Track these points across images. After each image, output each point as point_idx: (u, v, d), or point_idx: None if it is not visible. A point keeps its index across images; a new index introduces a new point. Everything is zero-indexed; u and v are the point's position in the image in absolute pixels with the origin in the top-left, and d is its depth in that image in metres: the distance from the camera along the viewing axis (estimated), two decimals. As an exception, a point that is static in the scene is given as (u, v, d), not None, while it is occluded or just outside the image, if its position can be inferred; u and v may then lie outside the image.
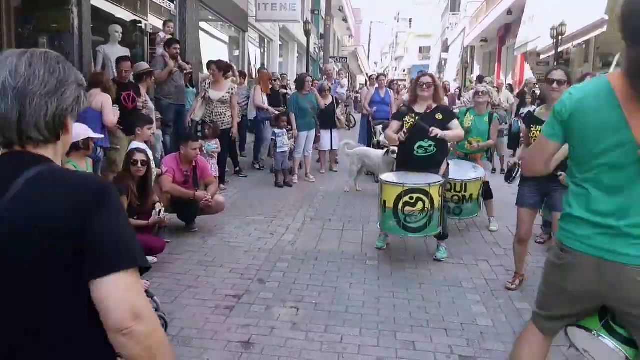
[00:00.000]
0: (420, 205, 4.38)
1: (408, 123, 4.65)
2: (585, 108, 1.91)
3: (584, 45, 14.94)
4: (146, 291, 3.20)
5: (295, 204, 6.89)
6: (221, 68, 7.33)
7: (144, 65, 6.72)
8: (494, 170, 9.98)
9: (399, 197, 4.41)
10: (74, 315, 1.12)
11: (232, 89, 7.36)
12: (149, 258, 4.43)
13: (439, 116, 4.64)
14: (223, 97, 7.17)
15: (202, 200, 5.27)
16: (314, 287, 4.14)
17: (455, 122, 4.72)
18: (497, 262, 4.79)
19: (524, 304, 3.88)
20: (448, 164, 4.92)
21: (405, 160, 4.83)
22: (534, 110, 4.08)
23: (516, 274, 4.23)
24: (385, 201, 4.54)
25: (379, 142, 8.83)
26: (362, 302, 3.88)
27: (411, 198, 4.38)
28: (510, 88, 13.66)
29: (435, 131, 4.45)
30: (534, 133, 3.95)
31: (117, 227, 1.12)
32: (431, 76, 4.91)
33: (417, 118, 4.62)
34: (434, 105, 4.68)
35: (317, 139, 8.87)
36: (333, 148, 9.30)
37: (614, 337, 2.01)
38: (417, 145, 4.61)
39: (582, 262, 1.95)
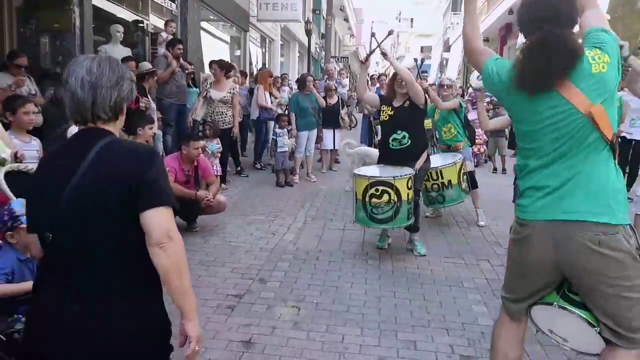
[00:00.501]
0: (385, 197, 4.52)
1: (384, 115, 4.86)
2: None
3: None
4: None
5: (296, 203, 6.89)
6: (223, 67, 7.34)
7: (146, 66, 6.73)
8: (495, 170, 10.00)
9: (366, 189, 4.57)
10: (136, 241, 1.60)
11: (233, 89, 7.35)
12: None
13: (406, 104, 4.77)
14: (224, 97, 7.18)
15: (204, 200, 5.28)
16: (315, 286, 4.15)
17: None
18: (498, 262, 4.79)
19: (525, 304, 3.88)
20: (428, 157, 4.96)
21: (383, 153, 5.00)
22: None
23: None
24: (356, 193, 4.72)
25: (379, 141, 8.82)
26: (363, 301, 3.88)
27: (377, 190, 4.54)
28: None
29: (385, 51, 4.78)
30: None
31: (161, 179, 1.65)
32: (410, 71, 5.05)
33: (392, 112, 4.78)
34: (406, 99, 4.79)
35: (319, 139, 8.86)
36: (335, 148, 9.32)
37: (574, 305, 2.07)
38: (391, 138, 4.78)
39: (539, 231, 2.04)
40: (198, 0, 9.87)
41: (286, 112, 8.93)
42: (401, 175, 4.55)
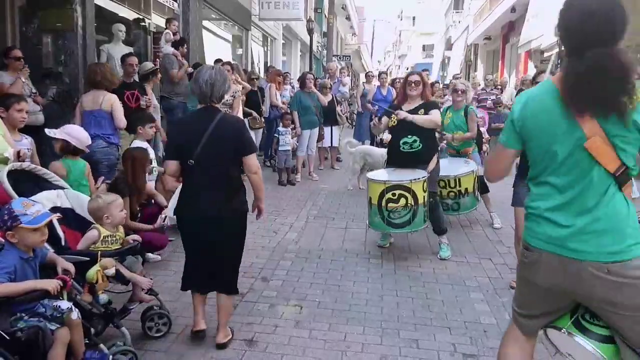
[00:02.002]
0: (402, 201, 4.48)
1: (393, 121, 4.77)
2: (534, 112, 1.97)
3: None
4: (150, 289, 3.21)
5: (298, 202, 6.89)
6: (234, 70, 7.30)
7: (148, 65, 6.72)
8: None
9: (382, 194, 4.51)
10: (236, 168, 3.09)
11: (235, 92, 7.15)
12: (152, 255, 4.45)
13: (421, 112, 4.71)
14: (226, 100, 7.03)
15: None
16: (318, 285, 4.15)
17: (433, 111, 4.74)
18: (501, 261, 4.79)
19: (528, 302, 3.87)
20: (438, 161, 4.93)
21: (393, 157, 4.94)
22: None
23: None
24: (370, 198, 4.66)
25: (382, 140, 8.82)
26: (365, 300, 3.88)
27: (393, 194, 4.48)
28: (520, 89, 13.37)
29: (401, 114, 4.61)
30: None
31: (249, 138, 3.16)
32: (419, 74, 4.99)
33: (397, 115, 4.72)
34: (419, 103, 4.75)
35: (320, 137, 8.86)
36: (333, 145, 9.32)
37: (588, 335, 2.00)
38: (402, 141, 4.71)
39: (547, 259, 1.98)
40: (200, -1, 9.87)
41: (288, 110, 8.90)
42: (418, 178, 4.49)
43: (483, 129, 9.32)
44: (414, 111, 4.71)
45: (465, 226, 5.91)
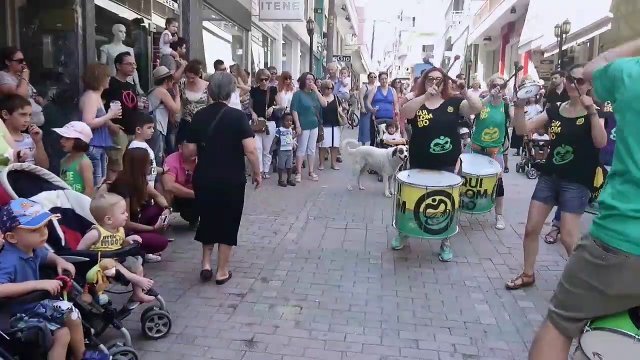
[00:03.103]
0: (442, 207, 4.37)
1: (422, 121, 4.64)
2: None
3: (588, 44, 14.89)
4: (150, 290, 3.21)
5: (298, 202, 6.89)
6: (195, 70, 7.01)
7: (164, 70, 6.74)
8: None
9: (421, 199, 4.36)
10: (239, 148, 4.01)
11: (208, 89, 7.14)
12: (152, 256, 4.45)
13: (450, 109, 4.67)
14: (201, 97, 6.94)
15: None
16: (318, 285, 4.15)
17: (465, 100, 4.63)
18: (501, 261, 4.79)
19: (528, 303, 3.87)
20: (461, 161, 4.91)
21: (421, 158, 4.80)
22: (560, 105, 4.06)
23: (523, 274, 4.20)
24: (404, 202, 4.49)
25: (382, 140, 8.82)
26: (365, 300, 3.88)
27: (434, 200, 4.35)
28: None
29: (468, 92, 4.65)
30: (553, 129, 3.94)
31: (247, 125, 4.22)
32: (440, 71, 4.89)
33: (430, 115, 4.61)
34: (442, 101, 4.69)
35: (320, 138, 8.86)
36: (334, 145, 9.31)
37: None
38: (433, 143, 4.61)
39: (633, 263, 1.86)
40: (200, -1, 9.88)
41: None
42: (457, 184, 4.45)
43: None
44: (440, 109, 4.63)
45: (465, 227, 5.90)
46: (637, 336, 1.92)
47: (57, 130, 4.15)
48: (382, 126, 9.20)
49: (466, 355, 3.14)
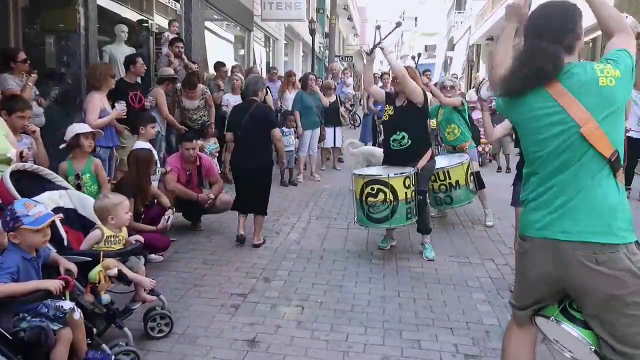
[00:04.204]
0: (381, 196, 4.51)
1: (385, 115, 4.90)
2: (516, 101, 2.10)
3: (590, 44, 14.86)
4: (152, 290, 3.21)
5: (300, 202, 6.90)
6: (192, 85, 6.89)
7: (169, 71, 6.77)
8: (499, 169, 9.97)
9: (362, 188, 4.58)
10: (267, 136, 5.02)
11: (204, 93, 7.10)
12: (154, 256, 4.45)
13: (406, 104, 4.75)
14: (198, 105, 7.00)
15: (205, 203, 5.27)
16: (320, 285, 4.15)
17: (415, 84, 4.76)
18: (503, 261, 4.78)
19: (530, 303, 3.87)
20: (433, 159, 4.94)
21: (385, 154, 5.03)
22: None
23: None
24: (354, 192, 4.75)
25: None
26: (367, 300, 3.88)
27: (372, 189, 4.54)
28: None
29: (382, 45, 4.79)
30: None
31: (274, 117, 5.55)
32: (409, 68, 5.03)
33: (392, 111, 4.79)
34: (407, 100, 4.75)
35: (321, 138, 8.86)
36: (336, 145, 9.31)
37: (574, 322, 2.07)
38: (391, 139, 4.77)
39: (537, 246, 2.08)
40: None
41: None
42: (396, 174, 4.52)
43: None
44: (401, 106, 4.75)
45: (467, 227, 5.90)
46: (552, 317, 2.12)
47: (77, 131, 4.13)
48: (384, 126, 9.19)
49: (468, 356, 3.14)
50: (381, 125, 9.31)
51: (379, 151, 7.80)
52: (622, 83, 1.95)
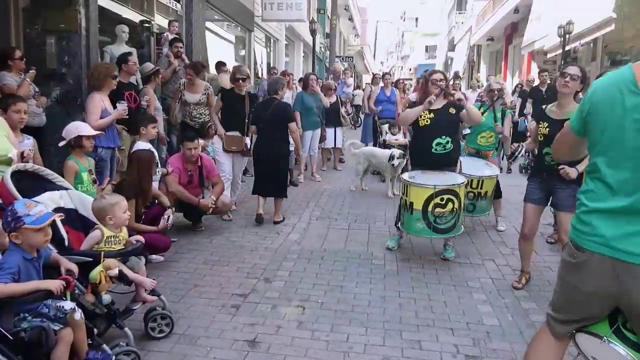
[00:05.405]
0: (450, 206, 4.40)
1: (424, 120, 4.67)
2: (598, 101, 1.92)
3: (591, 44, 14.85)
4: (152, 290, 3.21)
5: (301, 203, 6.90)
6: (198, 71, 6.82)
7: (149, 66, 6.73)
8: (500, 170, 9.96)
9: (430, 199, 4.39)
10: (285, 129, 5.81)
11: (207, 89, 6.93)
12: (155, 257, 4.45)
13: (452, 110, 4.69)
14: (200, 99, 6.84)
15: (207, 209, 5.28)
16: (320, 286, 4.15)
17: (464, 111, 4.67)
18: (504, 262, 4.78)
19: (531, 304, 3.87)
20: (461, 163, 4.92)
21: (422, 157, 4.81)
22: (546, 107, 4.06)
23: (522, 272, 4.23)
24: (412, 203, 4.50)
25: (384, 141, 8.82)
26: (368, 301, 3.88)
27: (442, 199, 4.38)
28: (522, 89, 12.93)
29: (458, 94, 4.81)
30: (541, 130, 3.93)
31: (291, 112, 6.20)
32: (442, 73, 4.95)
33: (432, 115, 4.64)
34: (444, 102, 4.71)
35: (322, 138, 8.87)
36: (337, 146, 9.32)
37: (625, 343, 1.95)
38: (435, 142, 4.63)
39: (597, 260, 1.90)
40: (203, 0, 9.89)
41: None
42: (462, 183, 4.47)
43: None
44: (442, 110, 4.66)
45: (467, 227, 5.89)
46: (605, 337, 1.97)
47: (80, 133, 4.13)
48: (385, 127, 9.20)
49: (469, 357, 3.14)
50: (382, 126, 9.35)
51: (380, 152, 7.82)
52: None
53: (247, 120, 6.00)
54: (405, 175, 4.76)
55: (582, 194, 2.01)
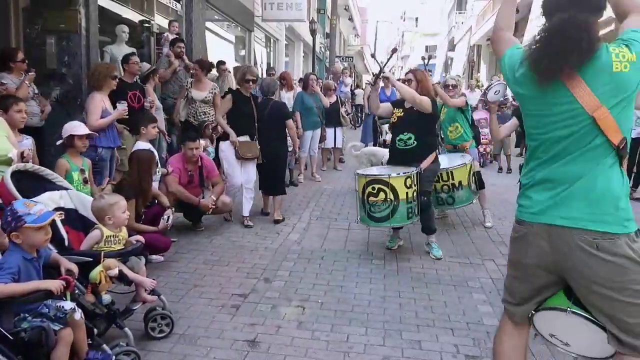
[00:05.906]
0: (382, 195, 4.56)
1: (394, 117, 4.94)
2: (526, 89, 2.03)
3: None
4: (153, 290, 3.21)
5: (301, 203, 6.90)
6: (203, 67, 6.86)
7: (146, 66, 6.74)
8: (500, 169, 9.98)
9: (364, 188, 4.64)
10: (283, 127, 6.03)
11: (214, 89, 6.92)
12: (155, 257, 4.45)
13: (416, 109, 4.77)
14: (206, 97, 6.81)
15: (207, 209, 5.28)
16: (320, 286, 4.15)
17: (423, 97, 4.75)
18: (504, 261, 4.76)
19: (531, 304, 3.86)
20: (437, 160, 4.95)
21: (391, 154, 5.09)
22: None
23: None
24: (357, 192, 4.82)
25: (385, 141, 8.82)
26: (368, 301, 3.88)
27: (373, 188, 4.59)
28: None
29: (387, 74, 5.26)
30: None
31: (288, 111, 6.42)
32: (412, 72, 5.14)
33: (402, 113, 4.85)
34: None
35: (322, 138, 8.87)
36: (337, 146, 9.32)
37: (587, 310, 2.01)
38: (397, 138, 4.83)
39: (535, 231, 2.02)
40: (203, 0, 9.89)
41: None
42: (398, 174, 4.55)
43: (486, 130, 9.35)
44: (411, 107, 4.76)
45: (467, 227, 5.90)
46: (568, 308, 2.04)
47: (71, 132, 4.14)
48: (385, 127, 9.19)
49: (469, 357, 3.14)
50: (382, 126, 9.35)
51: (380, 151, 7.81)
52: (637, 67, 1.84)
53: (256, 124, 5.73)
54: (360, 170, 5.16)
55: (522, 175, 2.17)
